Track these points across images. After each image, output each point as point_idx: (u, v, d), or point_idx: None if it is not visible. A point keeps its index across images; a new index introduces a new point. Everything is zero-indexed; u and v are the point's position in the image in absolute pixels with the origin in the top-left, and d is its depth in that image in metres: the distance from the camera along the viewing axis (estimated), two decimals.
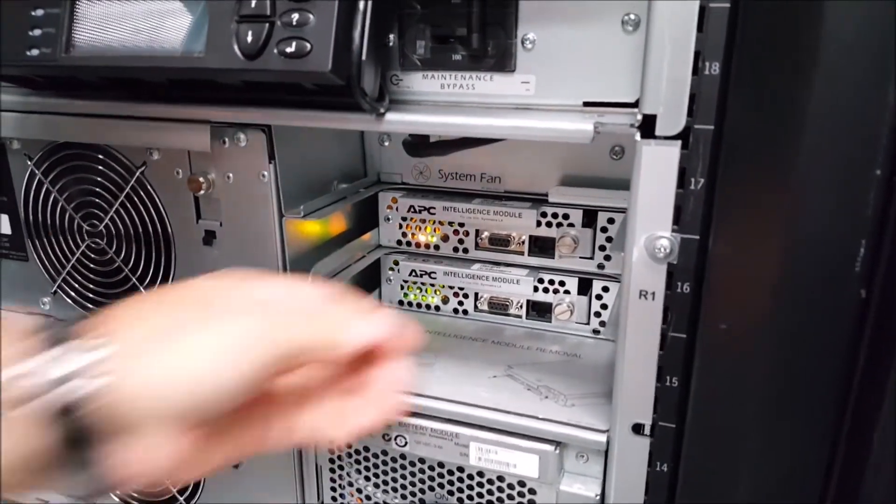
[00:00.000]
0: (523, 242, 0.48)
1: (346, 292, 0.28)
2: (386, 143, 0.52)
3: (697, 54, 0.30)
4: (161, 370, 0.23)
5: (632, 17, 0.32)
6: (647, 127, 0.31)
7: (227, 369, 0.24)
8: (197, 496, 0.52)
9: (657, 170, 0.31)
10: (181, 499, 0.52)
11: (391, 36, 0.36)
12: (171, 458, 0.24)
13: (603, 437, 0.37)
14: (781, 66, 0.29)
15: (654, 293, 0.33)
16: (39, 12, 0.37)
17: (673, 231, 0.32)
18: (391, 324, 0.27)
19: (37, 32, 0.37)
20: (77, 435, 0.22)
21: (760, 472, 0.34)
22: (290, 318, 0.26)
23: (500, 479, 0.41)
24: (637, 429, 0.36)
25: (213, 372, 0.24)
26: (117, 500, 0.55)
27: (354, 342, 0.26)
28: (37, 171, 0.49)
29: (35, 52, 0.37)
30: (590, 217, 0.46)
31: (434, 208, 0.49)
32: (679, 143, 0.31)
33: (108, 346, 0.23)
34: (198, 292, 0.27)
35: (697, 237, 0.32)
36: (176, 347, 0.24)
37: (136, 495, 0.54)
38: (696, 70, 0.30)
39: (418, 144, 0.44)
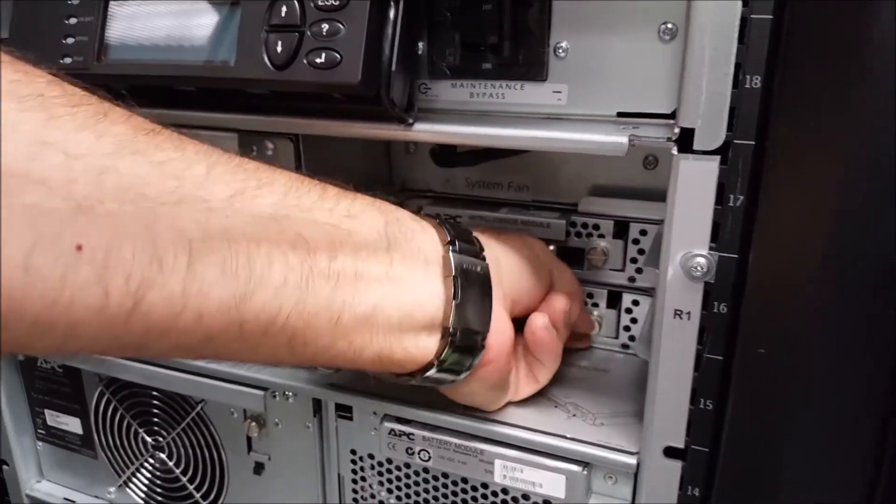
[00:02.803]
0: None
1: None
2: (412, 151, 0.51)
3: (738, 67, 0.29)
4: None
5: (669, 26, 0.31)
6: (685, 141, 0.30)
7: None
8: (219, 502, 0.52)
9: (695, 185, 0.30)
10: (204, 503, 0.52)
11: (420, 44, 0.35)
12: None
13: (633, 460, 0.36)
14: (827, 79, 0.28)
15: (689, 313, 0.32)
16: (73, 21, 0.37)
17: (710, 249, 0.31)
18: None
19: (70, 41, 0.37)
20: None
21: (797, 500, 0.33)
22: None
23: (525, 497, 0.40)
24: (669, 452, 0.35)
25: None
26: (141, 502, 0.55)
27: None
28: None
29: (68, 60, 0.37)
30: (621, 228, 0.45)
31: (460, 217, 0.49)
32: (718, 158, 0.30)
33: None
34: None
35: (736, 256, 0.31)
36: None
37: (159, 498, 0.54)
38: (737, 83, 0.29)
39: (446, 155, 0.43)
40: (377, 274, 0.30)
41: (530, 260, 0.39)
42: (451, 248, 0.33)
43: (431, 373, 0.33)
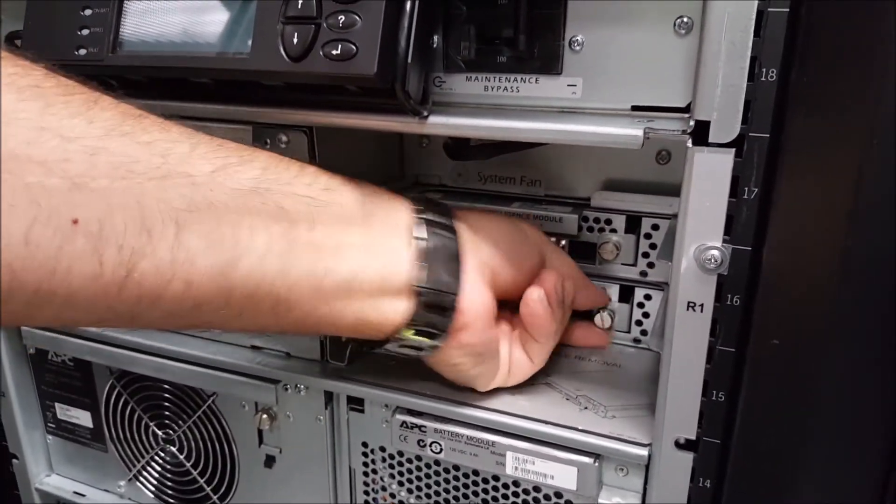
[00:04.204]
0: (563, 248, 0.47)
1: None
2: (425, 145, 0.51)
3: (754, 60, 0.29)
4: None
5: (685, 19, 0.31)
6: (700, 134, 0.30)
7: None
8: (230, 496, 0.52)
9: (709, 178, 0.30)
10: (215, 497, 0.53)
11: (436, 37, 0.35)
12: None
13: (644, 451, 0.36)
14: (843, 72, 0.28)
15: (702, 305, 0.32)
16: (88, 12, 0.37)
17: (724, 242, 0.31)
18: None
19: (85, 32, 0.38)
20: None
21: (810, 493, 0.33)
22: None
23: (537, 489, 0.40)
24: (681, 444, 0.35)
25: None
26: (151, 496, 0.56)
27: None
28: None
29: (83, 51, 0.38)
30: (633, 223, 0.45)
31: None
32: (733, 150, 0.30)
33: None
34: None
35: (750, 248, 0.31)
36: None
37: (170, 492, 0.55)
38: (752, 76, 0.29)
39: (459, 148, 0.44)
40: (354, 242, 0.32)
41: (516, 235, 0.40)
42: (420, 215, 0.35)
43: (407, 335, 0.35)
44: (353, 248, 0.32)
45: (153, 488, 0.56)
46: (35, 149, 0.23)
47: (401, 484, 0.45)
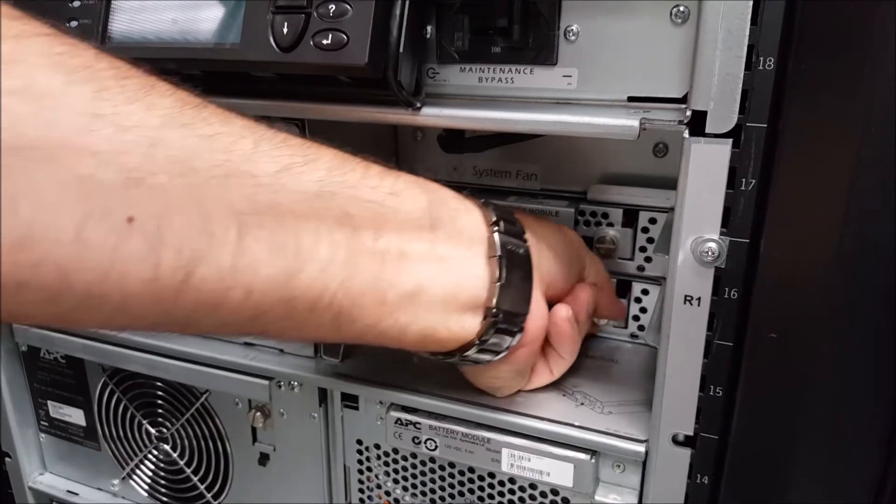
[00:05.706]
0: None
1: None
2: (419, 138, 0.51)
3: (751, 48, 0.28)
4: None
5: (681, 9, 0.31)
6: (697, 124, 0.30)
7: None
8: (224, 494, 0.51)
9: (706, 169, 0.30)
10: (209, 496, 0.52)
11: (429, 28, 0.35)
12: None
13: (641, 448, 0.35)
14: (841, 61, 0.27)
15: (699, 298, 0.32)
16: (77, 3, 0.37)
17: (721, 234, 0.30)
18: None
19: (74, 24, 0.37)
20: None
21: (809, 488, 0.32)
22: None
23: (533, 486, 0.39)
24: (678, 439, 0.34)
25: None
26: (145, 494, 0.55)
27: None
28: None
29: None
30: (630, 217, 0.44)
31: None
32: (730, 141, 0.29)
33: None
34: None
35: (747, 240, 0.30)
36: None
37: (163, 490, 0.54)
38: (750, 65, 0.28)
39: (453, 140, 0.43)
40: (422, 252, 0.30)
41: (565, 247, 0.38)
42: (495, 228, 0.33)
43: (471, 352, 0.33)
44: (419, 259, 0.30)
45: (147, 486, 0.55)
46: (88, 137, 0.21)
47: (396, 482, 0.44)
